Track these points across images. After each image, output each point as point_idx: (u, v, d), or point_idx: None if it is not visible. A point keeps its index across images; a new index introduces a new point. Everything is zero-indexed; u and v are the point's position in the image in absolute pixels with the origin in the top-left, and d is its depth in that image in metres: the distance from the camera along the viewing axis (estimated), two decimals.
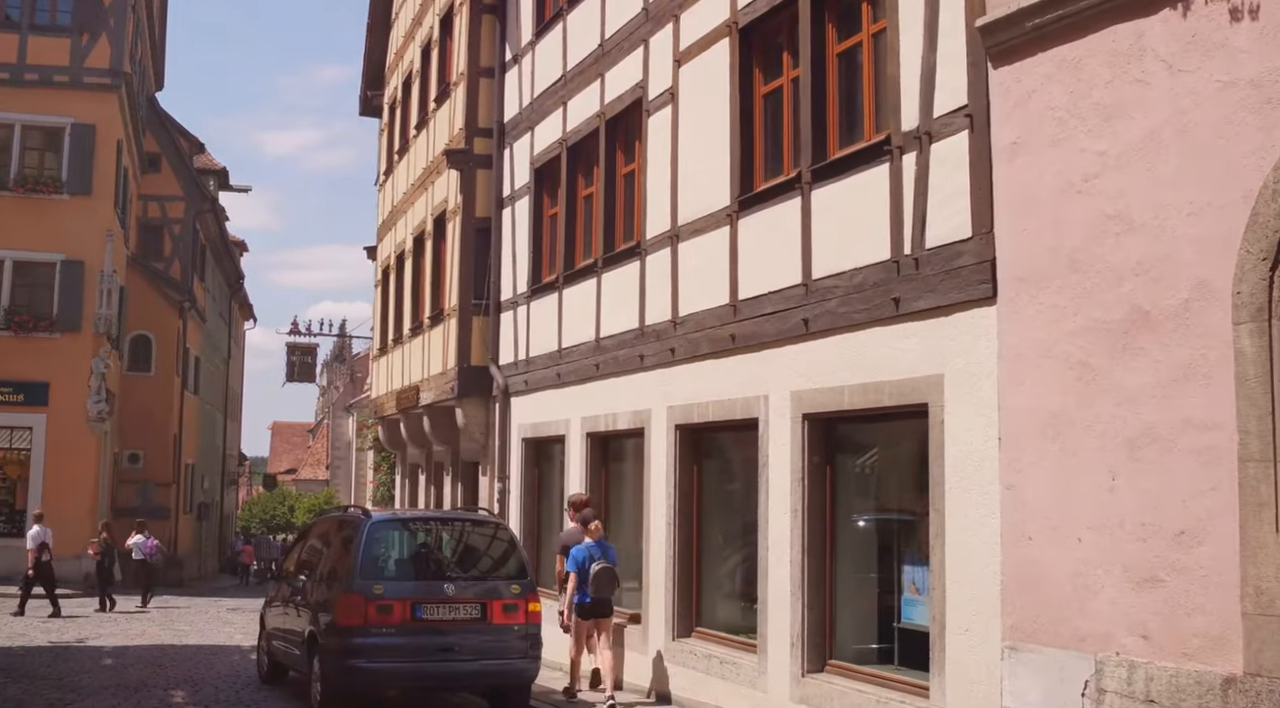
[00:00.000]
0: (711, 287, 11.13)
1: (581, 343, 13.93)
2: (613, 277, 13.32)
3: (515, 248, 16.29)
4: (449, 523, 11.63)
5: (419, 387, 19.07)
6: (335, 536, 11.83)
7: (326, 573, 11.53)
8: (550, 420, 14.82)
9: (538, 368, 15.22)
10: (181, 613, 24.02)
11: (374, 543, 10.87)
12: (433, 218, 18.79)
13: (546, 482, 15.67)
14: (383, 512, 11.26)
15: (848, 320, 9.19)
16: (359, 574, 10.56)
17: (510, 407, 16.14)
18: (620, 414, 12.92)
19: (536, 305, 15.47)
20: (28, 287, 30.17)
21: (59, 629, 19.62)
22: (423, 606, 10.63)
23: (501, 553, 11.36)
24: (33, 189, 29.73)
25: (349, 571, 10.67)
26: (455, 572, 11.01)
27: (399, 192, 21.73)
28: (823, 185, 9.64)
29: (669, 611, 11.68)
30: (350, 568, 10.66)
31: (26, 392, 29.04)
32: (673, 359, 11.80)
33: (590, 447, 13.73)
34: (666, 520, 11.78)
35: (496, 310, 16.69)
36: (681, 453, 11.71)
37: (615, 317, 13.14)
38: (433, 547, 11.33)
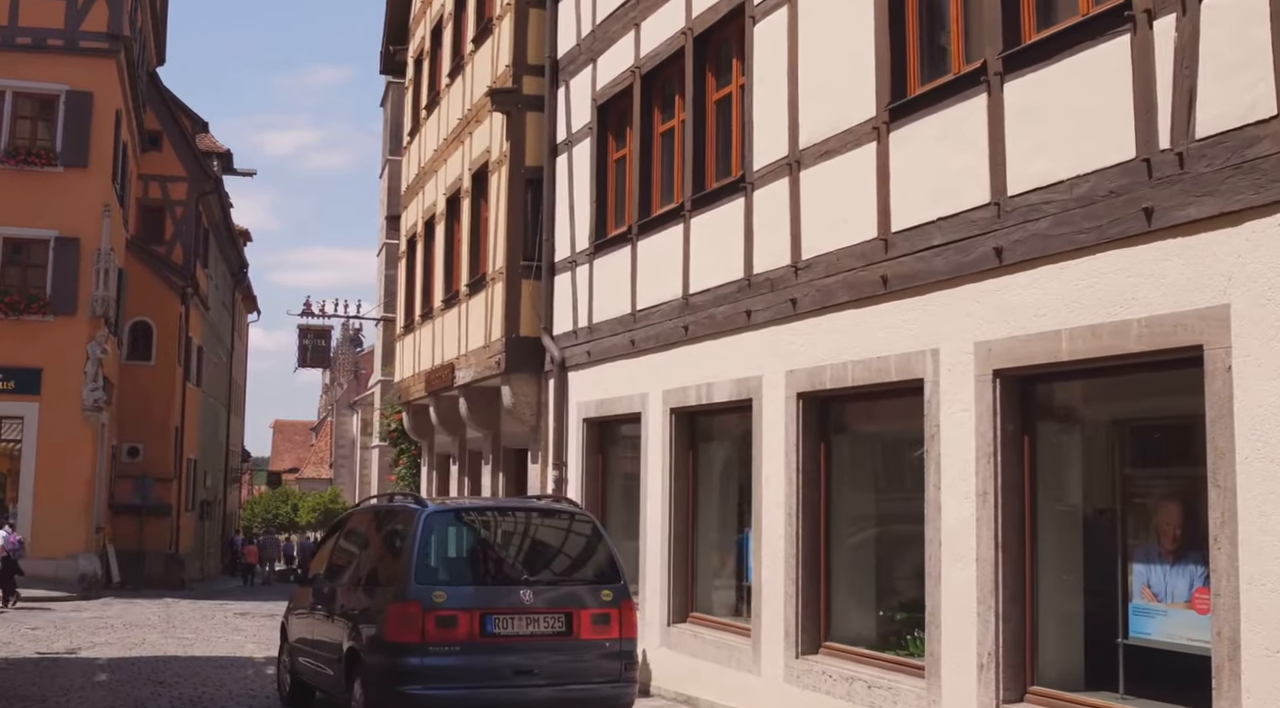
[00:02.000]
0: (851, 219, 8.96)
1: (663, 302, 11.75)
2: (705, 221, 11.15)
3: (573, 199, 14.10)
4: (521, 514, 9.39)
5: (454, 364, 16.89)
6: (378, 530, 9.66)
7: (368, 576, 9.36)
8: (620, 396, 12.64)
9: (603, 336, 13.04)
10: (185, 618, 21.83)
11: (432, 539, 8.68)
12: (471, 173, 16.60)
13: (612, 468, 13.49)
14: (440, 501, 9.10)
15: (1067, 244, 7.02)
16: (414, 578, 8.38)
17: (567, 383, 13.96)
18: (718, 384, 10.74)
19: (602, 263, 13.28)
20: (19, 266, 28.12)
21: (48, 638, 17.44)
22: (493, 617, 8.46)
23: (586, 550, 9.18)
24: (24, 161, 27.62)
25: (401, 574, 8.49)
26: (532, 574, 8.82)
27: (428, 150, 19.55)
28: (1019, 76, 7.46)
29: (790, 624, 9.48)
30: (403, 571, 8.48)
31: (17, 378, 26.90)
32: (793, 313, 9.62)
33: (675, 425, 11.55)
34: (786, 511, 9.59)
35: (550, 273, 14.50)
36: (805, 427, 9.52)
37: (710, 267, 10.96)
38: (503, 543, 9.13)
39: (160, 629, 19.33)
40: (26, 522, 26.54)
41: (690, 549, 11.49)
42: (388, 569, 8.98)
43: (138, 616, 21.88)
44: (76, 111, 28.03)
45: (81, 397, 27.29)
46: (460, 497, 10.85)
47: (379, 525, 9.63)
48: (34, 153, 27.71)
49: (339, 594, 9.70)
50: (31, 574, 25.90)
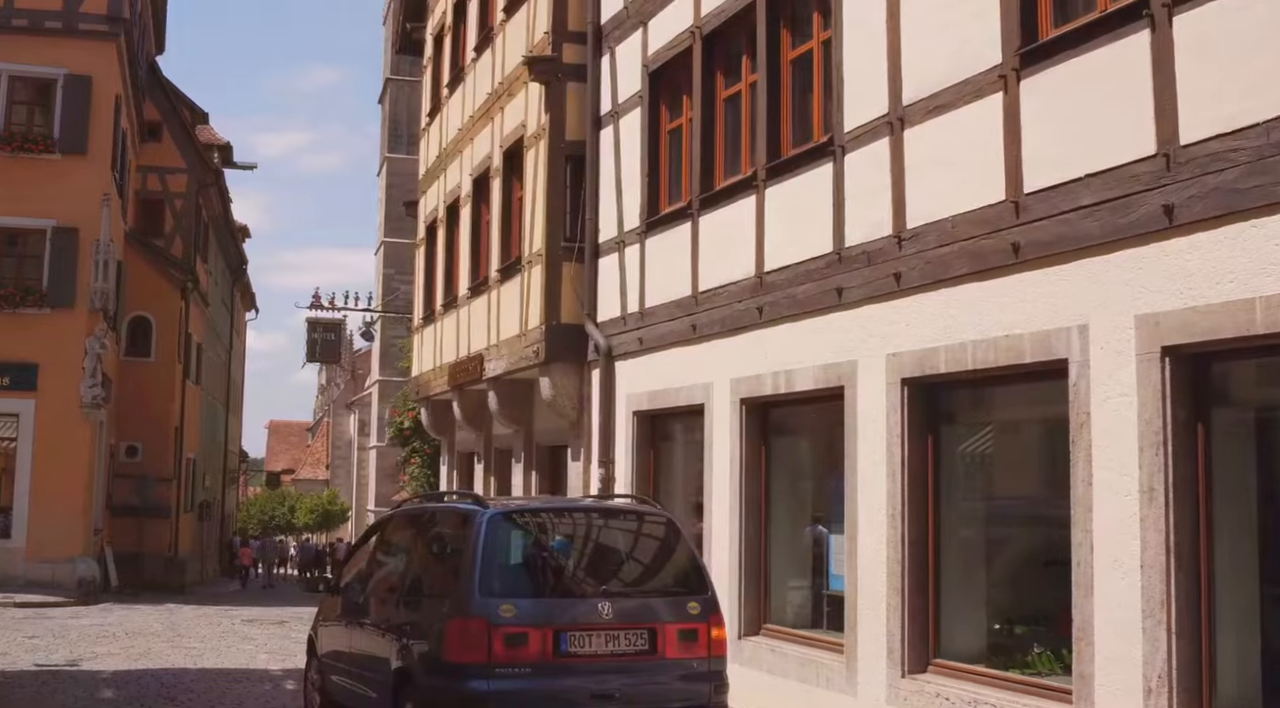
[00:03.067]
0: (970, 181, 7.91)
1: (732, 282, 10.68)
2: (782, 191, 10.08)
3: (620, 175, 13.03)
4: (594, 515, 8.28)
5: (483, 356, 15.79)
6: (429, 534, 8.57)
7: (418, 586, 8.27)
8: (679, 387, 11.57)
9: (658, 321, 11.97)
10: (190, 625, 20.69)
11: (496, 545, 7.58)
12: (502, 150, 15.51)
13: (666, 465, 12.43)
14: (500, 501, 8.01)
15: (1264, 198, 5.96)
16: (478, 590, 7.29)
17: (614, 373, 12.88)
18: (799, 371, 9.67)
19: (655, 243, 12.21)
20: (15, 257, 26.93)
21: (46, 648, 16.29)
22: (568, 634, 7.37)
23: (667, 556, 8.09)
24: (20, 147, 26.44)
25: (461, 585, 7.39)
26: (610, 585, 7.73)
27: (450, 131, 18.46)
28: (1193, 6, 6.41)
29: (894, 639, 8.41)
30: (463, 581, 7.38)
31: (13, 374, 25.72)
32: (896, 289, 8.55)
33: (745, 418, 10.47)
34: (889, 512, 8.52)
35: (593, 255, 13.42)
36: (911, 417, 8.46)
37: (789, 242, 9.90)
38: (576, 549, 8.03)
39: (165, 638, 18.18)
40: (22, 524, 25.37)
41: (763, 554, 10.43)
42: (442, 579, 7.90)
43: (140, 622, 20.73)
44: (75, 96, 26.88)
45: (80, 393, 26.13)
46: (520, 496, 9.76)
47: (429, 529, 8.54)
48: (30, 139, 26.54)
49: (382, 606, 8.61)
50: (28, 579, 24.79)
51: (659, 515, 8.22)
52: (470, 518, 7.71)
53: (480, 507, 7.81)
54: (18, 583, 24.52)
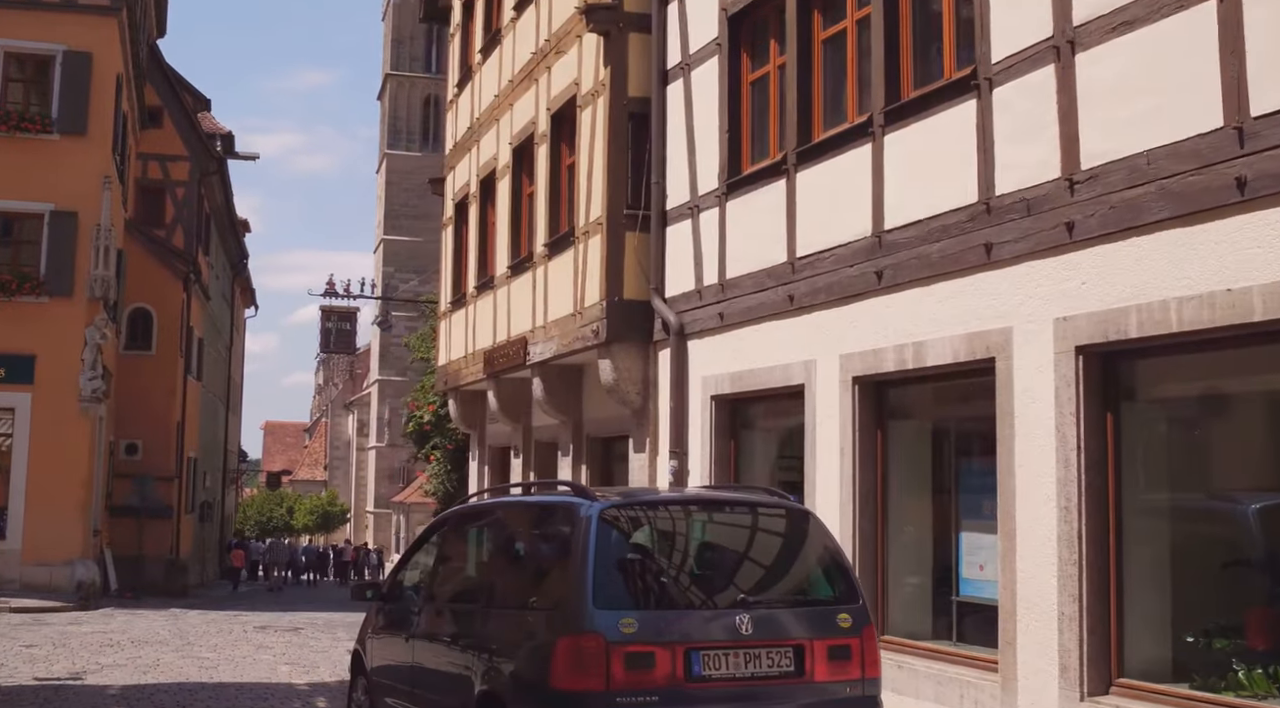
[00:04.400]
0: (1168, 109, 6.59)
1: (841, 245, 9.35)
2: (907, 136, 8.76)
3: (692, 133, 11.70)
4: (722, 508, 6.91)
5: (526, 340, 14.44)
6: (516, 531, 7.21)
7: (503, 593, 6.92)
8: (769, 366, 10.23)
9: (744, 293, 10.63)
10: (199, 633, 19.31)
11: (611, 544, 6.22)
12: (549, 114, 14.15)
13: (752, 457, 11.09)
14: (608, 493, 6.65)
15: None
16: (592, 600, 5.95)
17: (687, 353, 11.54)
18: (932, 343, 8.34)
19: (738, 206, 10.88)
20: (11, 242, 25.64)
21: (46, 658, 14.91)
22: (701, 654, 6.02)
23: (810, 558, 6.75)
24: (17, 127, 25.12)
25: (570, 594, 6.03)
26: (748, 593, 6.38)
27: (484, 100, 17.10)
28: None
29: (1069, 655, 7.07)
30: (573, 589, 6.02)
31: (8, 366, 24.37)
32: (1067, 241, 7.22)
33: (859, 398, 9.13)
34: (1061, 505, 7.18)
35: (660, 223, 12.08)
36: (1087, 392, 7.13)
37: (917, 194, 8.58)
38: (704, 551, 6.67)
39: (174, 647, 16.81)
40: (18, 525, 23.97)
41: (880, 557, 9.08)
42: (540, 586, 6.55)
43: (145, 630, 19.35)
44: (74, 74, 25.55)
45: (79, 386, 24.76)
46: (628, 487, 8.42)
47: (515, 526, 7.18)
48: (27, 119, 25.20)
49: (456, 617, 7.26)
50: (23, 582, 23.43)
51: (797, 508, 6.87)
52: (574, 512, 6.36)
53: (586, 499, 6.46)
54: (13, 587, 23.14)
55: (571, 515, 6.37)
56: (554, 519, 6.71)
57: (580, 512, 6.31)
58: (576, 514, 6.33)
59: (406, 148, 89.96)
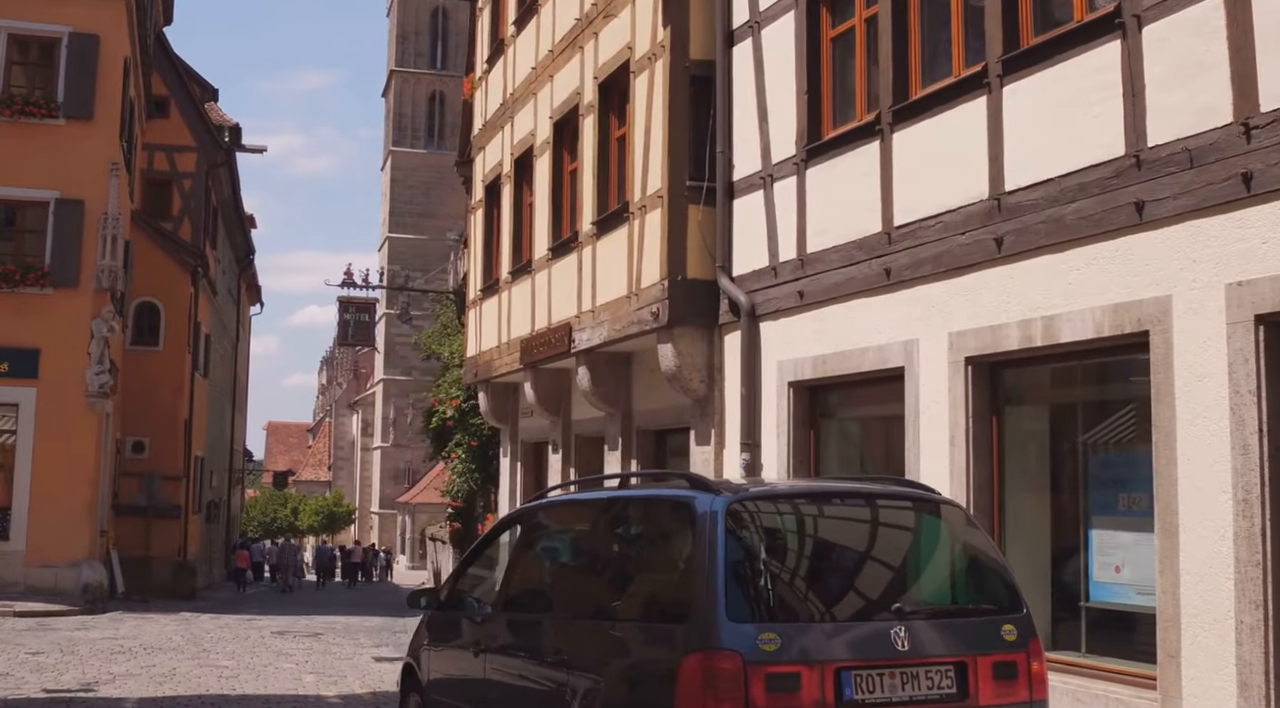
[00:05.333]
0: None
1: (949, 210, 8.39)
2: (1030, 87, 7.79)
3: (763, 97, 10.74)
4: (864, 503, 5.83)
5: (571, 325, 13.47)
6: (619, 529, 6.23)
7: (605, 601, 5.95)
8: (860, 348, 9.26)
9: (827, 268, 9.67)
10: (214, 639, 18.34)
11: (741, 546, 5.26)
12: (597, 83, 13.19)
13: (834, 449, 10.12)
14: (731, 483, 5.66)
15: None
16: (725, 611, 4.99)
17: (759, 336, 10.58)
18: (1066, 316, 7.38)
19: (820, 173, 9.92)
20: (14, 231, 24.70)
21: (54, 667, 13.95)
22: (855, 675, 5.06)
23: (966, 560, 5.78)
24: (21, 111, 24.18)
25: (699, 603, 5.06)
26: (902, 601, 5.41)
27: (518, 74, 16.13)
28: None
29: (1251, 672, 6.11)
30: (701, 598, 5.05)
31: (12, 360, 23.43)
32: (1244, 195, 6.25)
33: (972, 381, 8.17)
34: (1238, 498, 6.22)
35: (727, 196, 11.12)
36: (1269, 373, 6.17)
37: (1045, 149, 7.62)
38: (849, 552, 5.69)
39: (189, 654, 15.84)
40: (22, 525, 22.99)
41: None
42: (654, 595, 5.59)
43: (156, 635, 18.40)
44: (80, 57, 24.60)
45: (85, 381, 23.81)
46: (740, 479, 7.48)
47: (621, 524, 6.20)
48: (32, 103, 24.25)
49: (544, 629, 6.29)
50: (28, 585, 22.47)
51: (949, 503, 5.90)
52: (693, 508, 5.39)
53: (707, 492, 5.49)
54: (17, 590, 22.18)
55: (690, 512, 5.40)
56: (666, 516, 5.74)
57: (701, 507, 5.35)
58: (696, 510, 5.36)
59: (411, 145, 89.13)
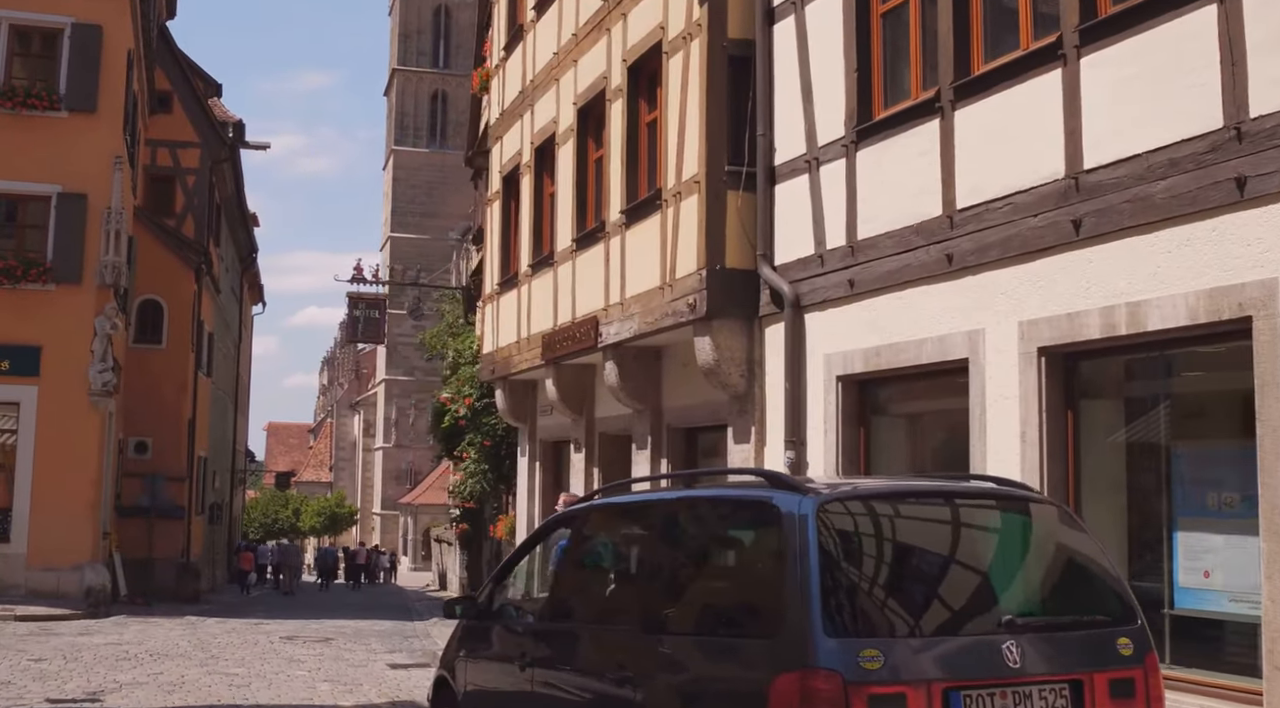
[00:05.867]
0: None
1: (1020, 191, 7.85)
2: (1110, 58, 7.26)
3: (809, 76, 10.21)
4: (963, 503, 5.30)
5: (598, 319, 12.94)
6: (690, 533, 5.68)
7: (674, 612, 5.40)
8: (919, 339, 8.73)
9: (881, 255, 9.13)
10: (221, 644, 17.79)
11: (837, 552, 4.73)
12: (625, 65, 12.66)
13: (886, 447, 9.58)
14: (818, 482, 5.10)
15: None
16: (820, 626, 4.45)
17: (804, 328, 10.04)
18: (1153, 303, 6.84)
19: (872, 155, 9.38)
20: (16, 226, 24.13)
21: (57, 675, 13.39)
22: (964, 695, 4.52)
23: (1075, 567, 5.24)
24: (23, 103, 23.63)
25: (791, 616, 4.51)
26: (1012, 612, 4.87)
27: (539, 60, 15.60)
28: None
29: None
30: (793, 610, 4.50)
31: (13, 357, 22.89)
32: None
33: (1046, 373, 7.63)
34: None
35: (768, 181, 10.58)
36: None
37: (1129, 124, 7.09)
38: (951, 557, 5.15)
39: (198, 661, 15.30)
40: (23, 526, 22.43)
41: None
42: (734, 605, 5.05)
43: (162, 641, 17.84)
44: (83, 48, 24.05)
45: (88, 379, 23.26)
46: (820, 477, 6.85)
47: (692, 527, 5.65)
48: (34, 95, 23.69)
49: (602, 641, 5.73)
50: (29, 588, 21.91)
51: (1050, 503, 5.37)
52: (777, 509, 4.85)
53: (790, 490, 4.95)
54: (18, 593, 21.61)
55: (774, 514, 4.87)
56: (745, 518, 5.20)
57: (787, 508, 4.81)
58: (781, 511, 4.82)
59: (414, 144, 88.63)
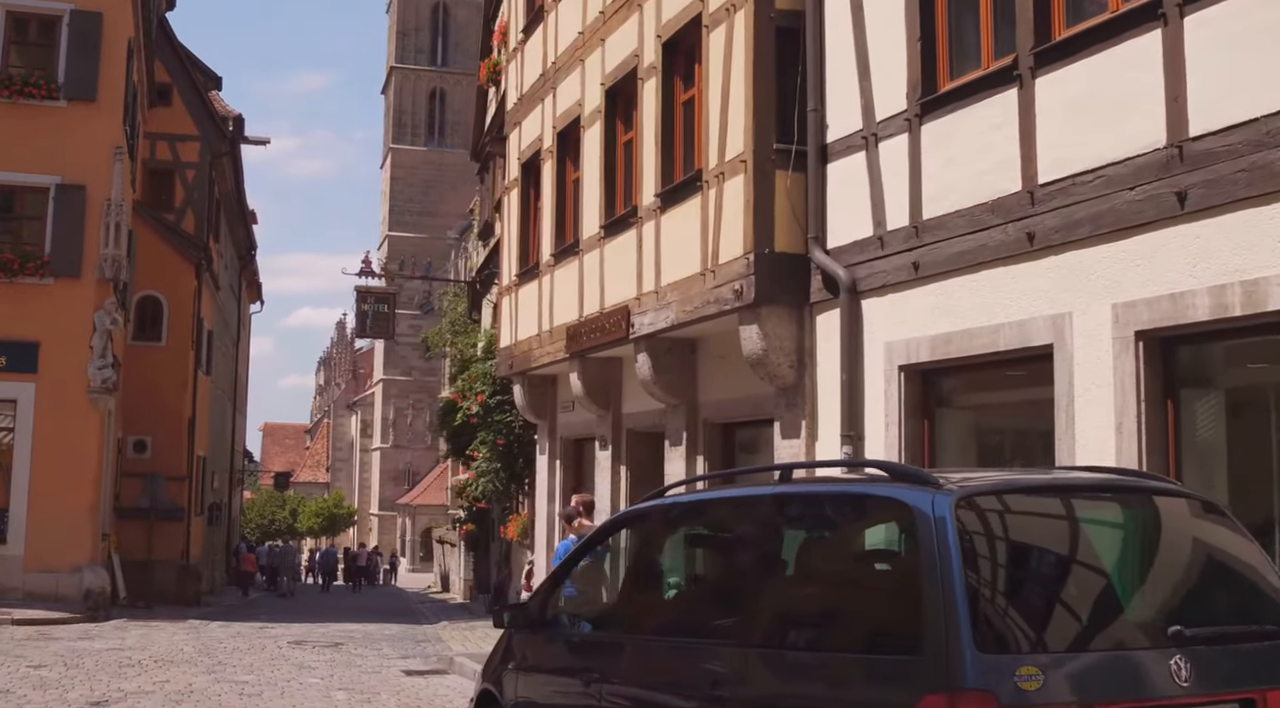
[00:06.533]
0: None
1: (1112, 163, 7.23)
2: (1218, 17, 6.64)
3: (864, 47, 9.59)
4: (1116, 499, 4.66)
5: (629, 309, 12.31)
6: (798, 534, 5.04)
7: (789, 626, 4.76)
8: (994, 324, 8.10)
9: (952, 234, 8.51)
10: (227, 649, 17.14)
11: (981, 556, 4.10)
12: (660, 42, 12.04)
13: (952, 442, 8.96)
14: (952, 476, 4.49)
15: None
16: (968, 640, 3.82)
17: (861, 315, 9.42)
18: (1275, 279, 6.23)
19: (938, 129, 8.76)
20: (13, 219, 23.42)
21: (58, 683, 12.74)
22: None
23: (1236, 569, 4.61)
24: (20, 91, 22.98)
25: (932, 631, 3.89)
26: (1180, 624, 4.23)
27: (562, 41, 14.97)
28: None
29: None
30: (936, 624, 3.88)
31: (10, 354, 22.24)
32: None
33: (1144, 360, 7.02)
34: None
35: (820, 160, 9.96)
36: None
37: (1241, 85, 6.47)
38: (1107, 561, 4.52)
39: (204, 668, 14.65)
40: (20, 528, 21.76)
41: None
42: (860, 616, 4.43)
43: (165, 646, 17.20)
44: (83, 35, 23.40)
45: (87, 376, 22.59)
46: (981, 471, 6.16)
47: (787, 525, 5.02)
48: (32, 84, 23.03)
49: (698, 658, 5.05)
50: (27, 590, 21.24)
51: (1208, 501, 4.76)
52: (907, 506, 4.22)
53: (919, 485, 4.32)
54: (16, 596, 20.94)
55: (902, 511, 4.24)
56: (868, 517, 4.58)
57: (918, 506, 4.18)
58: (912, 509, 4.19)
59: (412, 142, 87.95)
